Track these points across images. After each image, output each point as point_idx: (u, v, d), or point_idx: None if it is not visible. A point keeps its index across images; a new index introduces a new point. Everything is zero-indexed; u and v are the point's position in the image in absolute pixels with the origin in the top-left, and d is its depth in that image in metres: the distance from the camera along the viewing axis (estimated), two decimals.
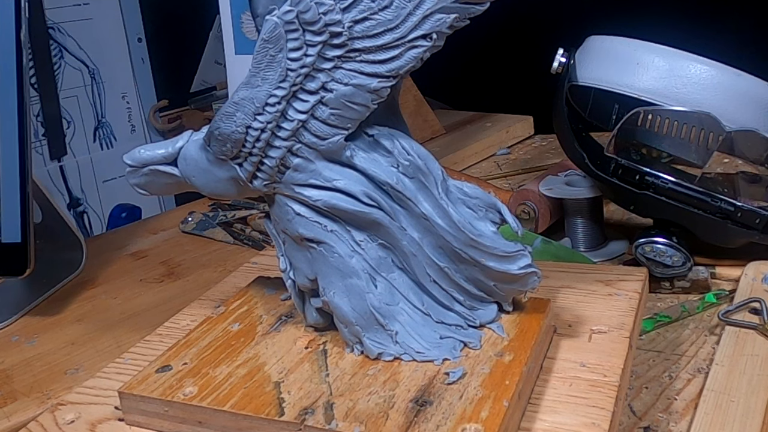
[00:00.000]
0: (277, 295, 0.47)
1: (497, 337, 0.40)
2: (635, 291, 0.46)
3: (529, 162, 0.92)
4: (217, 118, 0.40)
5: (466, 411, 0.35)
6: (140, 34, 1.25)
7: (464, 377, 0.37)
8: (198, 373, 0.40)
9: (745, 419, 0.41)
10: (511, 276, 0.40)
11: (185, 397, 0.38)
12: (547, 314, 0.42)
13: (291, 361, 0.41)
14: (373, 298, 0.40)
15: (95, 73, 1.21)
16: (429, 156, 0.40)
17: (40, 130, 1.04)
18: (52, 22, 1.12)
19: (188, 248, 0.77)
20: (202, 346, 0.43)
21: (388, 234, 0.40)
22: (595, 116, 0.64)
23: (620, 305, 0.45)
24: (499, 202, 0.41)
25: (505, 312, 0.42)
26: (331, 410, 0.36)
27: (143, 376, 0.41)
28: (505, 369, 0.37)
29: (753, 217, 0.55)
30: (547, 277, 0.49)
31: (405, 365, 0.39)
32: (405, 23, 0.36)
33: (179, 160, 0.42)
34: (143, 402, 0.39)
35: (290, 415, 0.36)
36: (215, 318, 0.46)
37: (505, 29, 1.10)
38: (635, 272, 0.49)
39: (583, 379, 0.39)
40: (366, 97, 0.38)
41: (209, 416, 0.38)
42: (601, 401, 0.37)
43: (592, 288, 0.47)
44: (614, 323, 0.43)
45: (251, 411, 0.37)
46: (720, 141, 0.54)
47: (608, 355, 0.40)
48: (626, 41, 0.58)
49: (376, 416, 0.35)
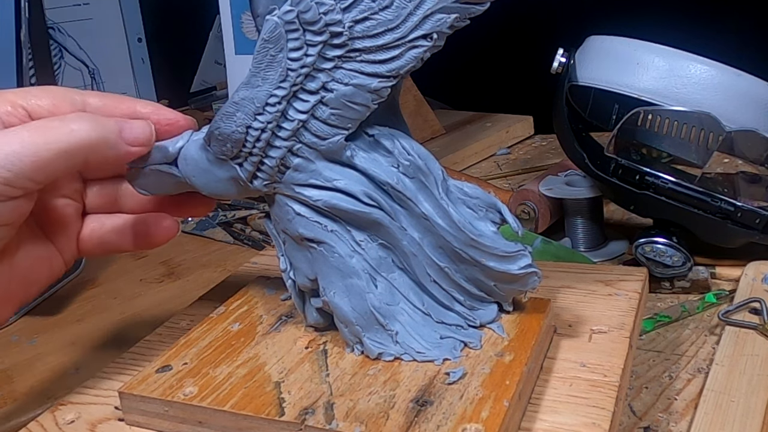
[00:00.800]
0: (277, 295, 0.47)
1: (497, 337, 0.40)
2: (635, 291, 0.46)
3: (529, 162, 0.92)
4: (217, 118, 0.40)
5: (466, 411, 0.35)
6: (140, 34, 1.25)
7: (465, 377, 0.37)
8: (198, 373, 0.40)
9: (745, 419, 0.41)
10: (512, 276, 0.40)
11: (185, 397, 0.38)
12: (548, 314, 0.42)
13: (291, 361, 0.41)
14: (373, 298, 0.40)
15: (95, 73, 1.21)
16: (429, 156, 0.40)
17: None
18: (52, 22, 1.12)
19: (188, 248, 0.78)
20: (203, 346, 0.43)
21: (388, 234, 0.40)
22: (595, 116, 0.64)
23: (620, 305, 0.45)
24: (499, 202, 0.41)
25: (505, 312, 0.42)
26: (331, 410, 0.36)
27: (143, 376, 0.41)
28: (506, 369, 0.37)
29: (753, 217, 0.55)
30: (547, 277, 0.49)
31: (405, 365, 0.39)
32: (405, 23, 0.36)
33: (179, 160, 0.42)
34: (143, 402, 0.39)
35: (291, 415, 0.36)
36: (215, 318, 0.46)
37: (505, 29, 1.11)
38: (635, 272, 0.49)
39: (584, 379, 0.39)
40: (366, 97, 0.38)
41: (209, 416, 0.38)
42: (602, 401, 0.37)
43: (592, 288, 0.47)
44: (614, 323, 0.43)
45: (251, 411, 0.37)
46: (720, 141, 0.54)
47: (608, 355, 0.40)
48: (626, 41, 0.58)
49: (376, 416, 0.35)
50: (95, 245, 0.45)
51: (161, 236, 0.45)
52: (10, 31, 0.68)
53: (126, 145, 0.39)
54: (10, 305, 0.41)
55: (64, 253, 0.44)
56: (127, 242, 0.45)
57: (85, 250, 0.45)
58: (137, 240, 0.45)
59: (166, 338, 0.48)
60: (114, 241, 0.45)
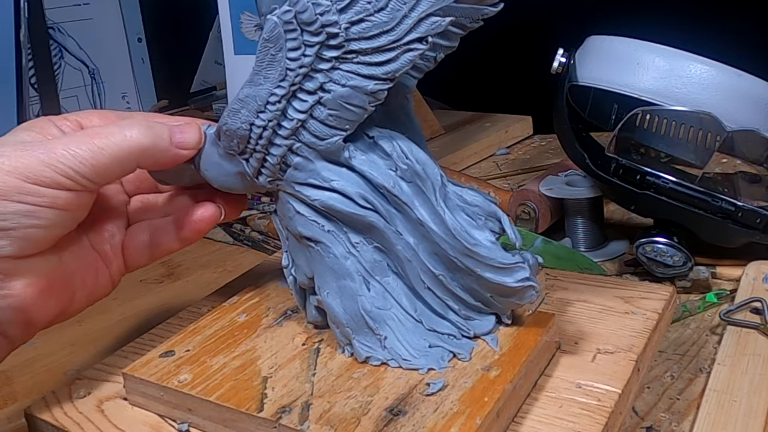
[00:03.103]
0: (290, 288, 0.47)
1: (489, 349, 0.39)
2: (654, 311, 0.45)
3: (529, 162, 0.92)
4: (225, 114, 0.40)
5: (436, 425, 0.34)
6: (140, 34, 1.25)
7: (444, 389, 0.37)
8: (196, 361, 0.41)
9: (748, 419, 0.41)
10: (508, 288, 0.39)
11: (179, 384, 0.39)
12: (547, 330, 0.41)
13: (284, 357, 0.41)
14: (365, 300, 0.40)
15: (95, 73, 1.21)
16: (428, 161, 0.39)
17: None
18: (52, 22, 1.12)
19: (188, 248, 0.76)
20: (208, 334, 0.44)
21: (383, 237, 0.40)
22: (595, 116, 0.64)
23: (634, 325, 0.43)
24: (500, 211, 0.40)
25: (504, 324, 0.41)
26: (307, 411, 0.36)
27: (147, 359, 0.42)
28: (488, 385, 0.36)
29: (753, 217, 0.55)
30: (565, 288, 0.48)
31: (390, 371, 0.39)
32: (400, 25, 0.36)
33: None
34: (142, 384, 0.40)
35: (268, 412, 0.36)
36: (227, 307, 0.47)
37: (505, 29, 1.10)
38: (659, 290, 0.47)
39: (576, 401, 0.38)
40: (363, 99, 0.37)
41: (197, 405, 0.38)
42: (589, 427, 0.36)
43: (609, 304, 0.46)
44: (623, 344, 0.42)
45: (234, 404, 0.37)
46: (720, 141, 0.54)
47: (609, 378, 0.39)
48: (626, 41, 0.58)
49: (347, 421, 0.35)
50: (141, 251, 0.46)
51: (204, 222, 0.45)
52: (9, 31, 0.68)
53: (176, 148, 0.42)
54: (52, 299, 0.42)
55: (111, 266, 0.45)
56: (171, 239, 0.46)
57: (131, 258, 0.46)
58: (181, 233, 0.46)
59: (185, 322, 0.49)
60: (158, 242, 0.46)
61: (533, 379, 0.39)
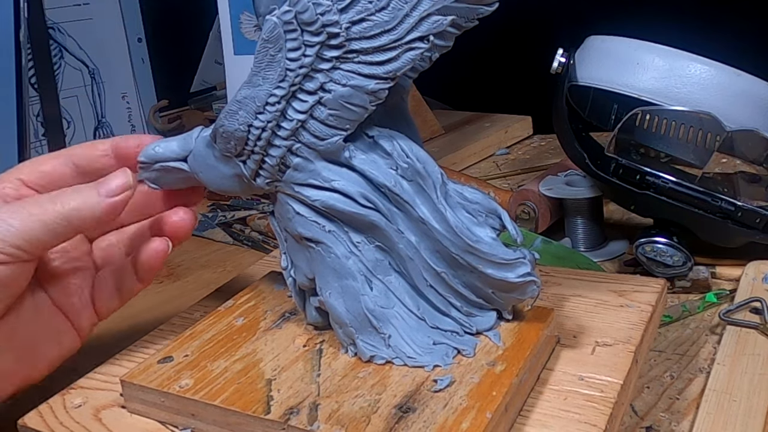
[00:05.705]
0: (286, 291, 0.47)
1: (493, 345, 0.39)
2: (648, 303, 0.45)
3: (528, 162, 0.92)
4: (221, 116, 0.40)
5: (447, 421, 0.34)
6: (140, 34, 1.25)
7: (451, 385, 0.37)
8: (196, 366, 0.41)
9: (747, 419, 0.41)
10: (509, 284, 0.39)
11: (180, 390, 0.39)
12: (548, 324, 0.41)
13: (287, 358, 0.41)
14: (368, 300, 0.40)
15: (95, 73, 1.21)
16: (429, 159, 0.39)
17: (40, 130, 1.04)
18: (52, 22, 1.12)
19: (188, 249, 0.77)
20: (206, 339, 0.43)
21: (385, 236, 0.40)
22: (595, 116, 0.64)
23: (630, 317, 0.44)
24: (500, 208, 0.40)
25: (505, 320, 0.41)
26: (315, 411, 0.36)
27: (145, 365, 0.41)
28: (495, 379, 0.37)
29: (753, 217, 0.55)
30: (559, 284, 0.48)
31: (396, 369, 0.39)
32: (402, 25, 0.36)
33: (188, 155, 0.43)
34: (142, 391, 0.40)
35: (276, 414, 0.36)
36: (222, 311, 0.46)
37: (505, 29, 1.10)
38: (651, 283, 0.47)
39: (580, 393, 0.38)
40: (364, 99, 0.37)
41: (201, 409, 0.38)
42: (594, 418, 0.36)
43: (604, 298, 0.46)
44: (621, 336, 0.42)
45: (240, 407, 0.37)
46: (720, 141, 0.54)
47: (609, 370, 0.39)
48: (626, 41, 0.58)
49: (358, 420, 0.35)
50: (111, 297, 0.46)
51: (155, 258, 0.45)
52: (9, 32, 0.68)
53: (107, 198, 0.41)
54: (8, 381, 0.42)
55: (79, 319, 0.45)
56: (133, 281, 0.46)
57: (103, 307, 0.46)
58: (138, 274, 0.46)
59: (178, 328, 0.48)
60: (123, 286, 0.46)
61: (537, 373, 0.40)
